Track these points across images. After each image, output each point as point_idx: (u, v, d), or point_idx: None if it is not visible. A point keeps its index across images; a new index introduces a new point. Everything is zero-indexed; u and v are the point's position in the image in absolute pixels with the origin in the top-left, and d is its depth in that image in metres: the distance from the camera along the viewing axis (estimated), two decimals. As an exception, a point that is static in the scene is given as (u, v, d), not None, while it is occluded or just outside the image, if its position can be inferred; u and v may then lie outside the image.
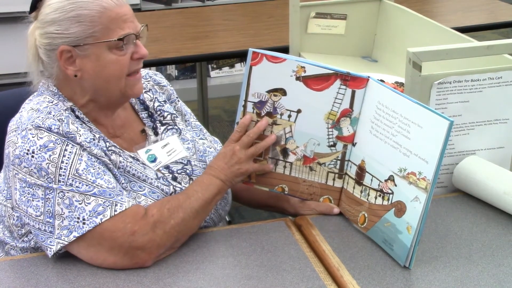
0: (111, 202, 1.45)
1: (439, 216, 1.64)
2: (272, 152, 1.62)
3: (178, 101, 1.78)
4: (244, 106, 1.59)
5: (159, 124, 1.70)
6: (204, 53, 2.95)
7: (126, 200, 1.47)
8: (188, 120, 1.79)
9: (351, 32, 2.56)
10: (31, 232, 1.51)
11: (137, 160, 1.58)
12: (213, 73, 4.99)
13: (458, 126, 1.72)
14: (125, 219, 1.44)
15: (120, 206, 1.45)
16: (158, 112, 1.71)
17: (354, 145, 1.59)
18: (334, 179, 1.63)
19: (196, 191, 1.54)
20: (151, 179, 1.56)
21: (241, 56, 3.23)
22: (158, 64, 3.67)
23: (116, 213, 1.44)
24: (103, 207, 1.44)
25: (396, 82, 2.20)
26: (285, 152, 1.62)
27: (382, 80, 2.21)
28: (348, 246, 1.53)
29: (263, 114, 1.59)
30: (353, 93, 1.56)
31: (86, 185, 1.45)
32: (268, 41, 3.01)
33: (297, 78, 1.56)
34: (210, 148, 1.76)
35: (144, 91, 1.72)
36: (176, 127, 1.71)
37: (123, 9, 1.51)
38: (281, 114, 1.59)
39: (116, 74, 1.52)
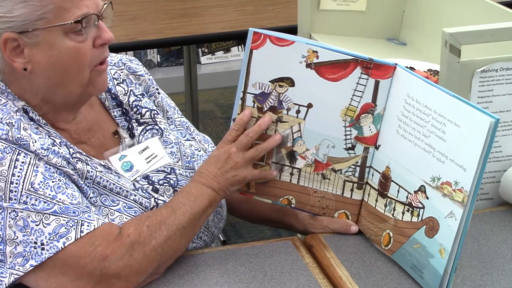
0: (76, 221, 1.44)
1: (483, 235, 1.64)
2: (276, 156, 1.62)
3: (159, 93, 1.78)
4: (243, 99, 1.59)
5: (136, 124, 1.69)
6: (193, 34, 2.95)
7: (95, 218, 1.46)
8: (171, 118, 1.78)
9: (373, 8, 2.56)
10: None
11: (109, 168, 1.58)
12: (204, 59, 4.99)
13: (506, 124, 1.72)
14: (94, 241, 1.44)
15: (88, 226, 1.45)
16: (134, 109, 1.71)
17: (377, 148, 1.59)
18: (352, 190, 1.63)
19: (182, 203, 1.54)
20: (127, 191, 1.56)
21: (238, 38, 3.24)
22: (137, 47, 3.67)
23: (82, 234, 1.44)
24: (66, 228, 1.44)
25: (429, 70, 2.19)
26: (292, 155, 1.61)
27: (412, 68, 2.21)
28: (370, 271, 1.53)
29: (265, 109, 1.59)
30: (377, 84, 1.56)
31: (44, 202, 1.44)
32: (272, 20, 3.01)
33: (308, 65, 1.56)
34: (199, 150, 1.76)
35: (116, 82, 1.71)
36: (156, 127, 1.71)
37: None
38: (288, 109, 1.59)
39: (76, 65, 1.50)
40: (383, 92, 1.56)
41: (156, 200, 1.58)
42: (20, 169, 1.45)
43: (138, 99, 1.72)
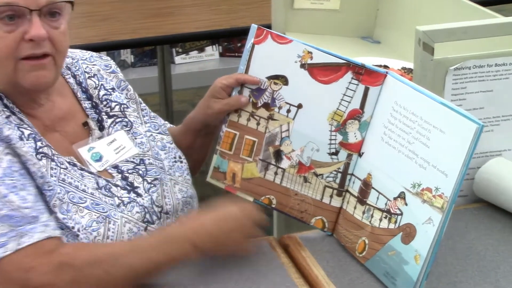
0: (17, 232, 1.43)
1: (458, 232, 1.65)
2: (263, 153, 1.63)
3: (130, 88, 1.79)
4: (240, 93, 1.63)
5: (106, 117, 1.70)
6: (167, 34, 2.95)
7: (39, 230, 1.44)
8: (145, 109, 1.80)
9: (347, 6, 2.56)
10: None
11: (74, 165, 1.58)
12: (178, 59, 4.97)
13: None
14: (27, 253, 1.42)
15: (29, 238, 1.43)
16: (104, 102, 1.72)
17: (360, 155, 1.59)
18: (331, 196, 1.62)
19: (150, 245, 1.49)
20: (91, 189, 1.56)
21: (212, 37, 3.23)
22: (109, 48, 3.64)
23: (19, 247, 1.42)
24: (7, 238, 1.42)
25: (403, 68, 2.20)
26: (278, 155, 1.63)
27: (386, 66, 2.22)
28: (346, 270, 1.54)
29: (259, 104, 1.62)
30: (366, 90, 1.57)
31: None
32: (245, 19, 3.01)
33: (302, 66, 1.59)
34: (171, 143, 1.77)
35: (88, 76, 1.72)
36: (126, 120, 1.72)
37: None
38: (280, 108, 1.61)
39: None
40: (372, 100, 1.57)
41: (120, 198, 1.58)
42: None
43: (108, 93, 1.73)
